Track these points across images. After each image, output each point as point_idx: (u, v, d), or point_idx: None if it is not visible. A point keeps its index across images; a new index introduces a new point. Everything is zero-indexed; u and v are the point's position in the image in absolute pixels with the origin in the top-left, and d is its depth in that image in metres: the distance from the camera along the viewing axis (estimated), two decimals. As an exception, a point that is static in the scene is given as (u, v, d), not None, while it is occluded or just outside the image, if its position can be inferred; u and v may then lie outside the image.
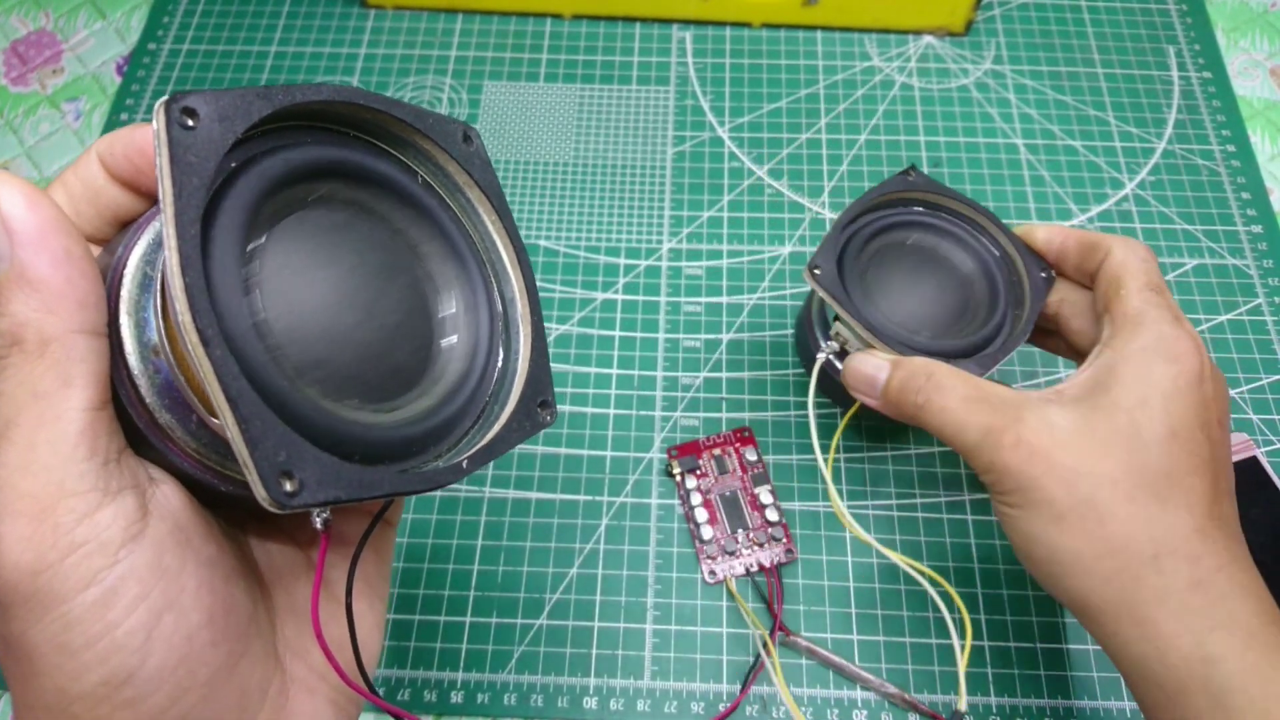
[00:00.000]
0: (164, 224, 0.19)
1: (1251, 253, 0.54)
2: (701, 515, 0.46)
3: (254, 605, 0.24)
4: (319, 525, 0.21)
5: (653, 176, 0.57)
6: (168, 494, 0.22)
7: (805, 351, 0.48)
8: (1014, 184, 0.56)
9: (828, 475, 0.41)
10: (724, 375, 0.50)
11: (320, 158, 0.23)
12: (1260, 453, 0.47)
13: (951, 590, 0.41)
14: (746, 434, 0.48)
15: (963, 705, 0.40)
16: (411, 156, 0.26)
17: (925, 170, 0.57)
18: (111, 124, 0.59)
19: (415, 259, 0.25)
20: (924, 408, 0.35)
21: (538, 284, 0.52)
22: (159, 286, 0.21)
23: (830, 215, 0.55)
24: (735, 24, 0.63)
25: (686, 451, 0.48)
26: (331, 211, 0.24)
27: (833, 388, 0.46)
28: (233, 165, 0.21)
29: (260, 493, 0.19)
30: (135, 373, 0.21)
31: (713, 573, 0.45)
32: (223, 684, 0.22)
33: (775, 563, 0.45)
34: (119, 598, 0.20)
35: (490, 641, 0.44)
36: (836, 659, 0.43)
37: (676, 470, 0.47)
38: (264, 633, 0.24)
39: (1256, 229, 0.55)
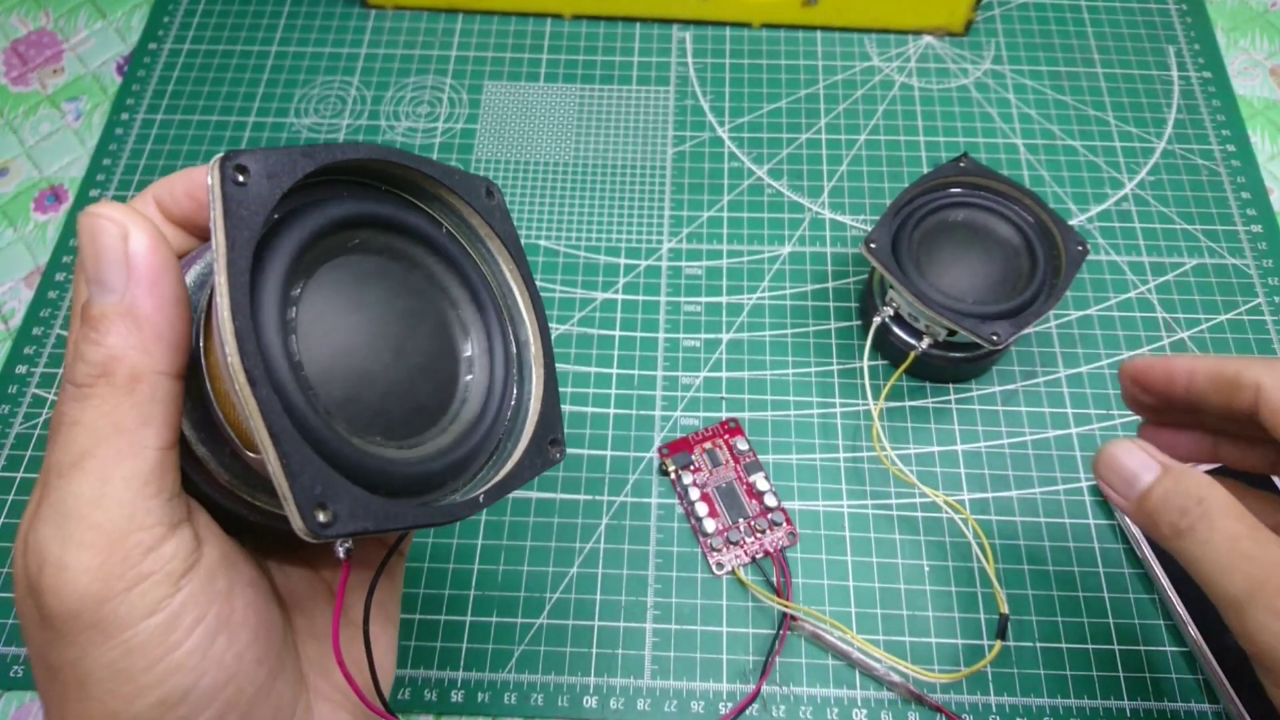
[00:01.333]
0: (216, 273, 0.20)
1: (1251, 252, 0.54)
2: (702, 509, 0.46)
3: (284, 626, 0.25)
4: (341, 555, 0.22)
5: (653, 176, 0.57)
6: (207, 522, 0.22)
7: (865, 315, 0.50)
8: (1014, 184, 0.56)
9: (877, 415, 0.47)
10: (724, 375, 0.50)
11: (356, 211, 0.25)
12: (1260, 452, 0.47)
13: (970, 518, 0.45)
14: (734, 425, 0.49)
15: (1004, 608, 0.42)
16: (438, 209, 0.28)
17: (924, 169, 0.57)
18: (112, 124, 0.59)
19: (439, 304, 0.27)
20: (1184, 534, 0.29)
21: (539, 284, 0.53)
22: (201, 326, 0.22)
23: (830, 215, 0.55)
24: (735, 24, 0.63)
25: (678, 449, 0.48)
26: (365, 259, 0.26)
27: (887, 348, 0.50)
28: (276, 216, 0.23)
29: (297, 524, 0.20)
30: None
31: (720, 564, 0.45)
32: (263, 700, 0.23)
33: (779, 547, 0.45)
34: (180, 622, 0.20)
35: (490, 641, 0.44)
36: (842, 645, 0.43)
37: (671, 468, 0.47)
38: (293, 651, 0.25)
39: (1256, 229, 0.55)
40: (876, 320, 0.48)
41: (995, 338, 0.43)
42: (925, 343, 0.47)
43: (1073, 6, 0.64)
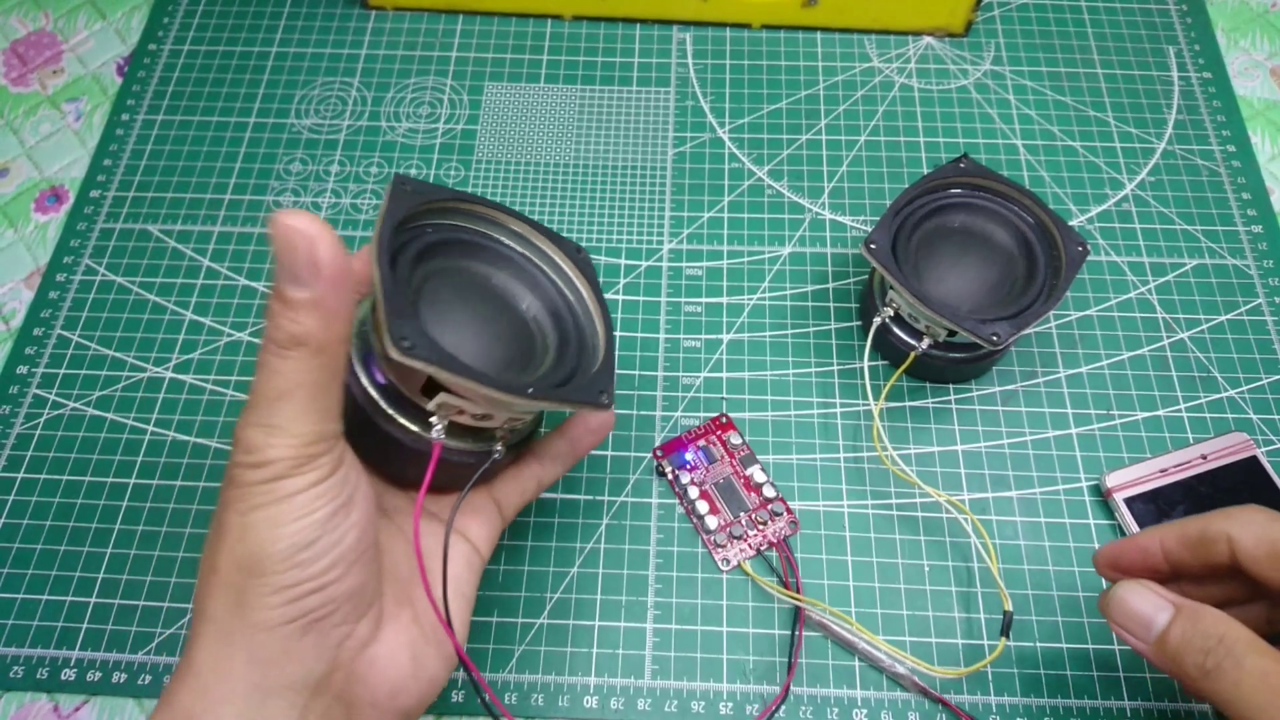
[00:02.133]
0: (375, 290, 0.31)
1: (1251, 253, 0.54)
2: (703, 507, 0.46)
3: (378, 541, 0.33)
4: (438, 432, 0.33)
5: (653, 177, 0.57)
6: (346, 446, 0.31)
7: (866, 315, 0.50)
8: (1014, 184, 0.56)
9: (877, 415, 0.47)
10: (724, 375, 0.50)
11: (471, 239, 0.37)
12: (1260, 453, 0.47)
13: (972, 517, 0.45)
14: (725, 420, 0.49)
15: (1008, 605, 0.42)
16: (534, 253, 0.38)
17: (924, 170, 0.57)
18: (112, 124, 0.59)
19: (521, 305, 0.37)
20: (1211, 675, 0.29)
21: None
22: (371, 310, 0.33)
23: (830, 216, 0.56)
24: (735, 25, 0.63)
25: (672, 449, 0.48)
26: (474, 268, 0.36)
27: (887, 348, 0.50)
28: (429, 239, 0.34)
29: (387, 342, 0.30)
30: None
31: (726, 560, 0.45)
32: (355, 575, 0.30)
33: (782, 536, 0.46)
34: (322, 498, 0.29)
35: (491, 640, 0.44)
36: (849, 636, 0.43)
37: (668, 468, 0.47)
38: (378, 563, 0.32)
39: (1256, 229, 0.55)
40: (876, 321, 0.48)
41: (995, 338, 0.43)
42: (925, 343, 0.47)
43: (1073, 7, 0.64)
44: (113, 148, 0.58)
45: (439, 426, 0.33)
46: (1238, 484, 0.46)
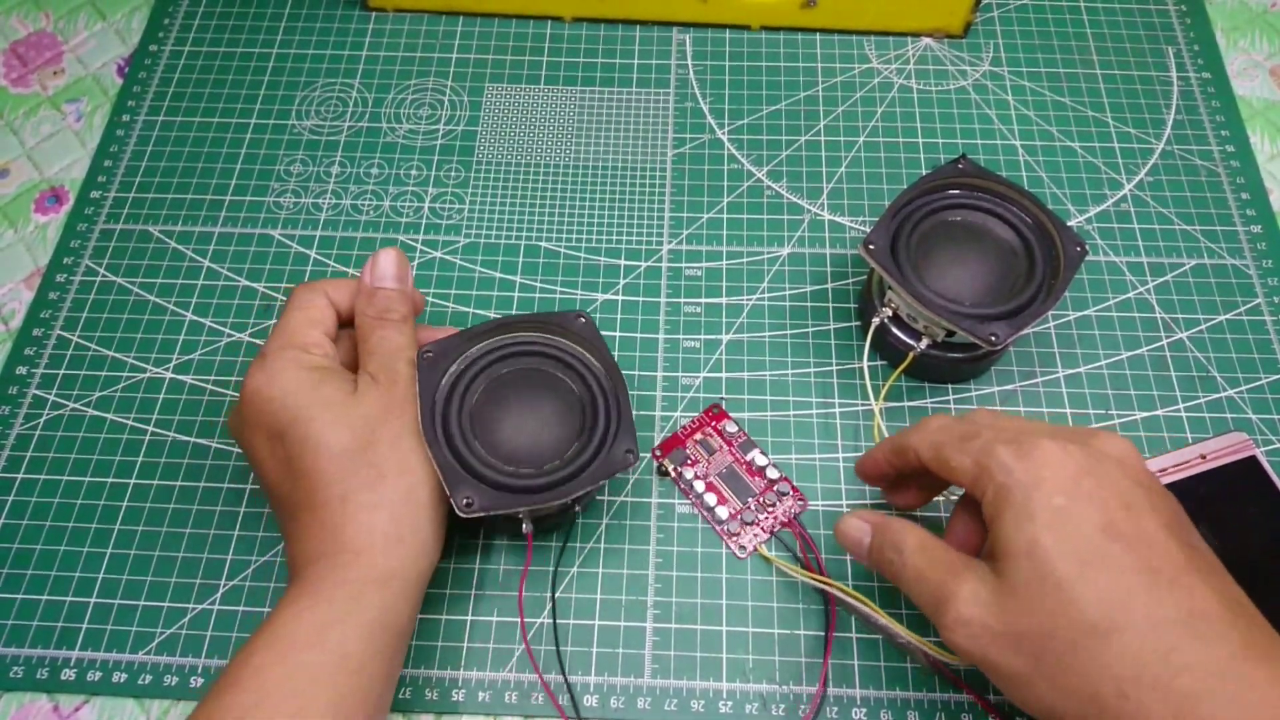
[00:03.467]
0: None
1: (1251, 253, 0.54)
2: (711, 499, 0.46)
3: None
4: (525, 530, 0.43)
5: (653, 178, 0.57)
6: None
7: (864, 315, 0.50)
8: (1013, 185, 0.57)
9: (879, 413, 0.48)
10: (723, 375, 0.50)
11: (510, 347, 0.44)
12: (1260, 453, 0.47)
13: None
14: (717, 410, 0.49)
15: None
16: (556, 332, 0.44)
17: (923, 170, 0.57)
18: (113, 125, 0.59)
19: (558, 394, 0.43)
20: (895, 571, 0.37)
21: (539, 285, 0.53)
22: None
23: (830, 217, 0.56)
24: (734, 26, 0.63)
25: (670, 447, 0.48)
26: (514, 369, 0.43)
27: (886, 348, 0.50)
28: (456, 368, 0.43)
29: (458, 508, 0.39)
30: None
31: (742, 547, 0.46)
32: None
33: (793, 515, 0.46)
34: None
35: (491, 640, 0.44)
36: (864, 609, 0.42)
37: (670, 466, 0.47)
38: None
39: (1256, 229, 0.55)
40: (875, 321, 0.48)
41: (994, 338, 0.43)
42: (924, 343, 0.47)
43: (1072, 8, 0.64)
44: (113, 148, 0.58)
45: (526, 525, 0.43)
46: (1237, 484, 0.46)
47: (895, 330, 0.48)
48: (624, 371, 0.50)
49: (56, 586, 0.45)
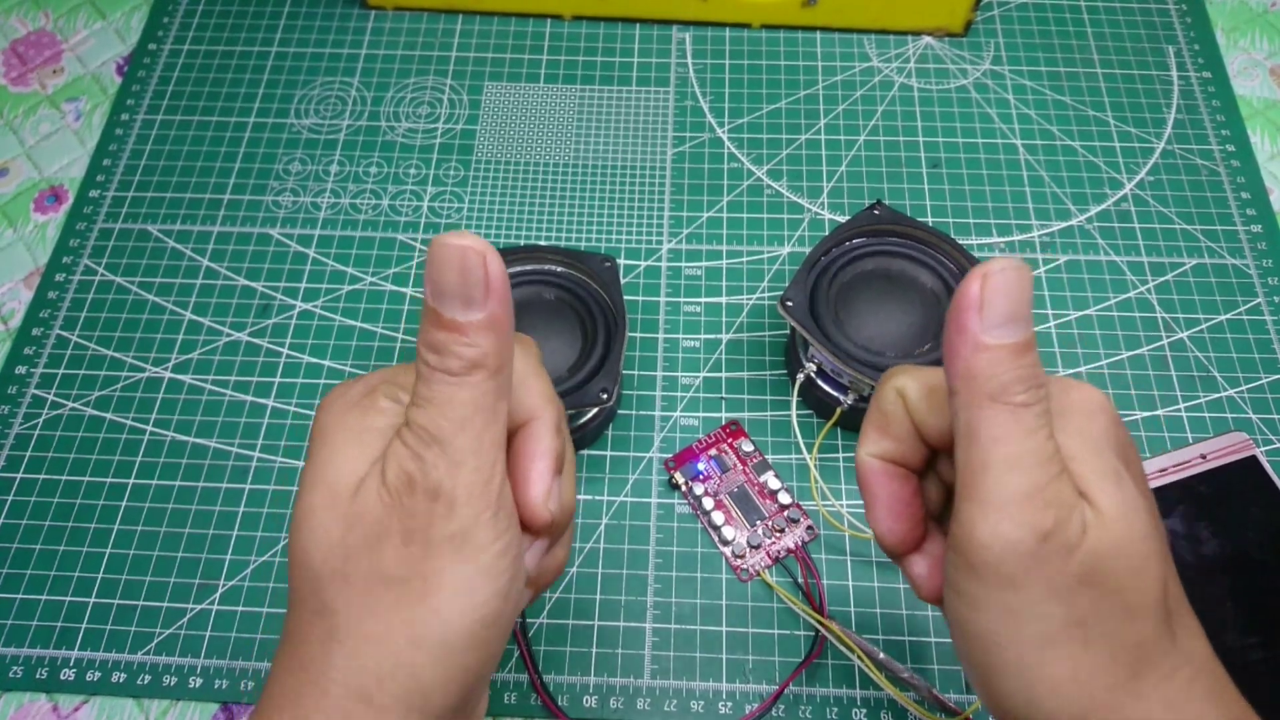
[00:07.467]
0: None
1: (1251, 253, 0.54)
2: (719, 518, 0.46)
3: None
4: None
5: (652, 177, 0.57)
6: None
7: (791, 369, 0.49)
8: (1013, 184, 0.56)
9: (814, 466, 0.46)
10: (724, 375, 0.50)
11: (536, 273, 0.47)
12: (1260, 452, 0.47)
13: None
14: (735, 427, 0.49)
15: None
16: (582, 270, 0.46)
17: (923, 170, 0.57)
18: (112, 124, 0.59)
19: (566, 323, 0.46)
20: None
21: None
22: None
23: (830, 216, 0.56)
24: (735, 25, 0.63)
25: (684, 459, 0.48)
26: (532, 295, 0.46)
27: (813, 400, 0.49)
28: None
29: None
30: None
31: (745, 570, 0.45)
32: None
33: (800, 543, 0.45)
34: (509, 552, 0.27)
35: (490, 641, 0.44)
36: (868, 645, 0.42)
37: (681, 480, 0.47)
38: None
39: (1256, 229, 0.55)
40: (800, 377, 0.47)
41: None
42: (851, 398, 0.46)
43: (1072, 7, 0.64)
44: (112, 147, 0.58)
45: None
46: (1237, 484, 0.46)
47: (822, 384, 0.47)
48: (623, 371, 0.50)
49: (56, 586, 0.45)
